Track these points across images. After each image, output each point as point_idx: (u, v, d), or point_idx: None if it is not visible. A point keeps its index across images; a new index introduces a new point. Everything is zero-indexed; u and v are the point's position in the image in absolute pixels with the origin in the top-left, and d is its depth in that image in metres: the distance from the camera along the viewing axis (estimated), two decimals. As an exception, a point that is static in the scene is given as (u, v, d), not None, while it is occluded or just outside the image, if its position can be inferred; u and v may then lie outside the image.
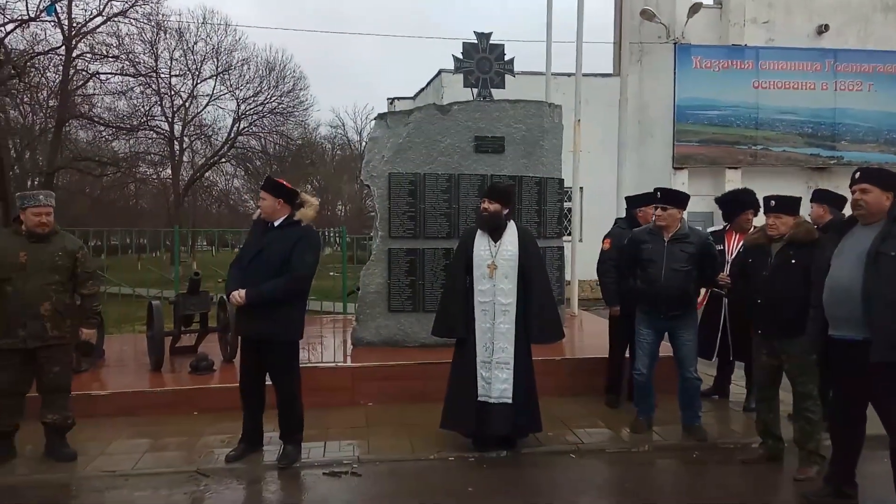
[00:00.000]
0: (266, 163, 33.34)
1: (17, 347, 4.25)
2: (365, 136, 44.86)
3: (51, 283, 4.32)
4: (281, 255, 4.29)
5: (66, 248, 4.44)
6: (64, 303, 4.40)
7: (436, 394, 5.41)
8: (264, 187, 4.49)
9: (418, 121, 6.91)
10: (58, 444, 4.49)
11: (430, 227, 6.88)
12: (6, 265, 4.25)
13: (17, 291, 4.23)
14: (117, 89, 26.81)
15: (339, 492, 4.15)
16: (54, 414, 4.45)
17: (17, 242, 4.33)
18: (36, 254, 4.31)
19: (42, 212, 4.35)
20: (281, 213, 4.40)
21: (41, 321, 4.27)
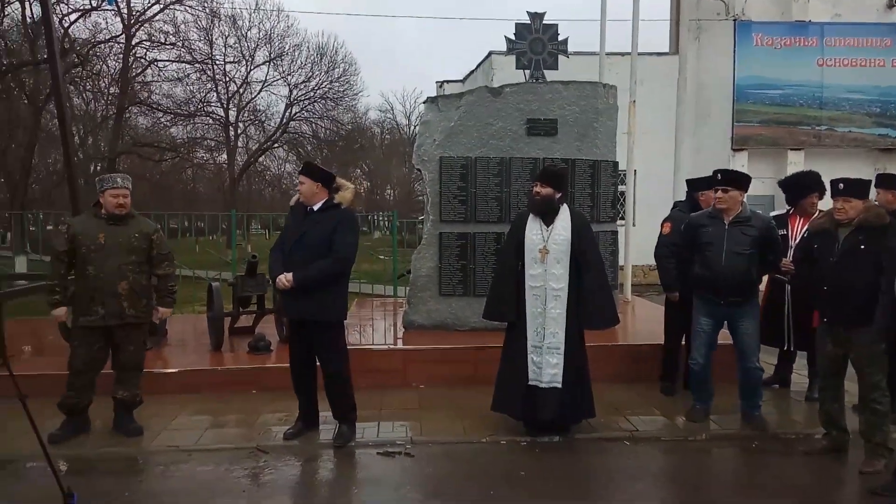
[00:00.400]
0: (317, 147, 33.82)
1: (97, 325, 4.45)
2: (414, 120, 45.01)
3: (128, 263, 4.50)
4: (323, 237, 4.36)
5: (142, 231, 4.62)
6: (140, 283, 4.58)
7: (487, 377, 5.42)
8: (303, 172, 4.57)
9: (469, 104, 6.87)
10: (126, 420, 4.70)
11: (481, 211, 6.87)
12: (86, 246, 4.44)
13: (97, 271, 4.42)
14: (174, 76, 27.57)
15: (393, 472, 4.21)
16: (125, 391, 4.66)
17: (96, 224, 4.52)
18: (114, 235, 4.49)
19: (119, 193, 4.52)
20: (319, 197, 4.47)
21: (119, 300, 4.45)
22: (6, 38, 22.15)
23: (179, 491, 3.88)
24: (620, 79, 9.26)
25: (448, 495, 3.85)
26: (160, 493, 3.87)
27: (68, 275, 4.60)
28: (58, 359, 6.12)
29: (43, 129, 22.88)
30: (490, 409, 4.79)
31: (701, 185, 5.55)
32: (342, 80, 33.10)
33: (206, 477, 4.09)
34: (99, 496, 3.83)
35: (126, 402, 4.68)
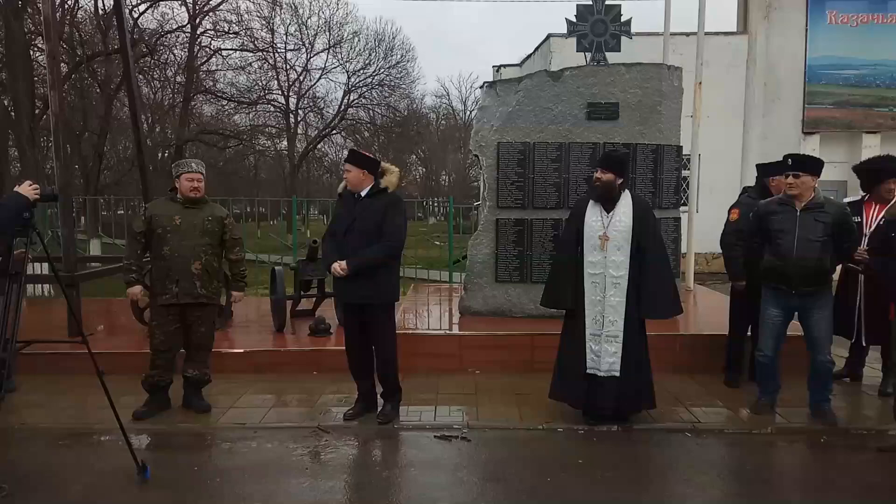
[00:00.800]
0: (374, 134, 34.17)
1: (172, 303, 4.65)
2: (469, 105, 44.86)
3: (201, 244, 4.68)
4: (373, 223, 4.44)
5: (215, 215, 4.80)
6: (212, 265, 4.76)
7: (544, 364, 5.40)
8: (349, 160, 4.63)
9: (528, 88, 6.78)
10: (195, 397, 4.91)
11: (539, 197, 6.80)
12: (162, 227, 4.64)
13: (172, 251, 4.62)
14: (237, 65, 28.27)
15: (450, 455, 4.25)
16: (195, 369, 4.86)
17: (172, 208, 4.72)
18: (188, 217, 4.68)
19: (194, 177, 4.71)
20: (366, 183, 4.53)
21: (192, 279, 4.64)
22: (80, 29, 23.14)
23: (245, 467, 4.02)
24: (685, 60, 8.95)
25: (505, 480, 3.86)
26: (227, 469, 4.01)
27: (144, 255, 4.81)
28: (129, 338, 6.45)
29: (114, 118, 23.86)
30: (547, 396, 4.76)
31: (772, 170, 5.33)
32: (399, 67, 33.33)
33: (271, 454, 4.22)
34: (171, 470, 4.02)
35: (196, 381, 4.88)
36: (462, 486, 3.80)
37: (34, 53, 18.77)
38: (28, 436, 4.50)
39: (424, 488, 3.75)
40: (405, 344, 6.00)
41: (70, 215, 6.63)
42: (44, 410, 4.94)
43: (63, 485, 3.75)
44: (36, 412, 4.90)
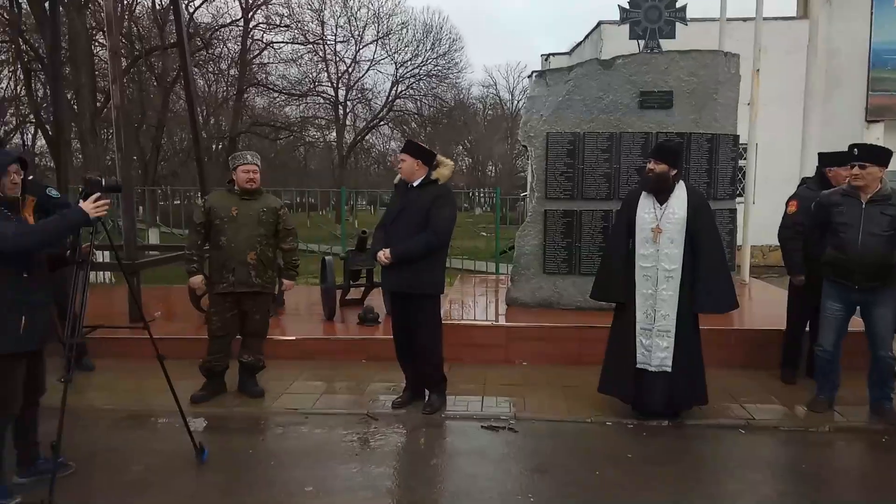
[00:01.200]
0: (421, 125, 34.28)
1: (228, 291, 4.79)
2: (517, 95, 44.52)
3: (257, 235, 4.80)
4: (420, 213, 4.46)
5: (270, 206, 4.91)
6: (267, 254, 4.88)
7: (592, 357, 5.36)
8: (404, 149, 4.67)
9: (579, 77, 6.69)
10: (249, 382, 5.05)
11: (589, 188, 6.71)
12: (220, 218, 4.78)
13: (229, 241, 4.76)
14: (289, 57, 28.74)
15: (497, 445, 4.26)
16: (250, 355, 5.00)
17: (230, 199, 4.85)
18: (245, 208, 4.80)
19: (250, 169, 4.82)
20: (419, 174, 4.55)
21: (248, 268, 4.77)
22: (138, 24, 23.89)
23: (297, 451, 4.12)
24: (743, 46, 8.66)
25: (552, 472, 3.85)
26: (280, 453, 4.12)
27: (204, 245, 4.95)
28: (187, 324, 6.67)
29: (170, 110, 24.59)
30: (596, 390, 4.72)
31: (834, 159, 5.12)
32: (447, 57, 33.34)
33: (321, 439, 4.32)
34: (227, 452, 4.15)
35: (250, 366, 5.02)
36: (509, 477, 3.81)
37: (95, 48, 19.46)
38: (93, 417, 4.71)
39: (471, 478, 3.77)
40: (451, 334, 6.04)
41: (131, 206, 6.88)
42: (107, 393, 5.16)
43: (125, 465, 3.91)
44: (100, 394, 5.12)
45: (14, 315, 3.21)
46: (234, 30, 26.61)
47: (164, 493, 3.57)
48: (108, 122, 18.76)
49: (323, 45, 30.15)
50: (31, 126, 26.25)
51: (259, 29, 27.24)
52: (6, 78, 25.71)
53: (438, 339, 4.75)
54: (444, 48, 33.33)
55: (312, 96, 31.20)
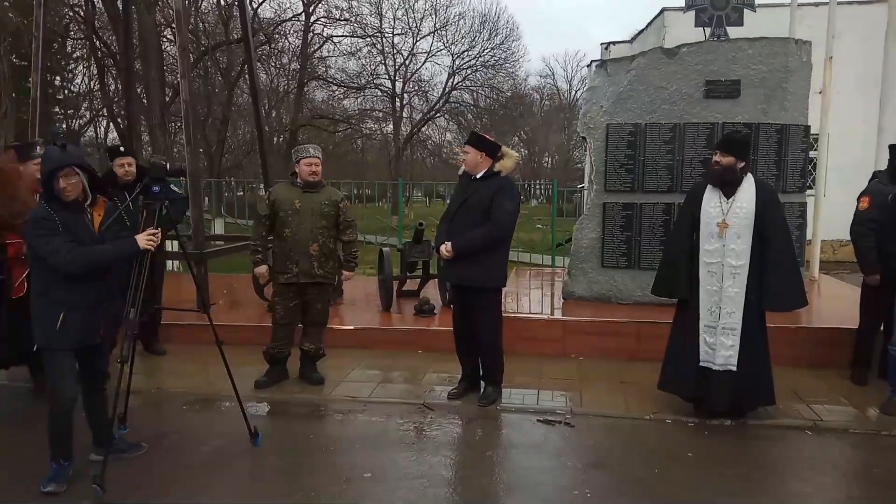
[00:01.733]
0: (477, 116, 34.18)
1: (292, 282, 4.92)
2: (575, 85, 43.84)
3: (319, 227, 4.90)
4: (482, 204, 4.45)
5: (331, 198, 5.00)
6: (328, 246, 4.98)
7: (651, 353, 5.27)
8: (468, 141, 4.66)
9: (641, 67, 6.54)
10: (309, 370, 5.18)
11: (650, 181, 6.57)
12: (284, 210, 4.89)
13: (293, 233, 4.87)
14: (348, 51, 29.11)
15: (553, 439, 4.25)
16: (311, 343, 5.13)
17: (293, 192, 4.96)
18: (307, 201, 4.90)
19: (312, 162, 4.93)
20: (483, 166, 4.54)
21: (310, 260, 4.88)
22: (204, 21, 24.63)
23: (355, 438, 4.21)
24: (815, 32, 8.30)
25: (610, 468, 3.82)
26: (339, 439, 4.23)
27: (268, 236, 5.09)
28: (249, 312, 6.88)
29: (234, 104, 25.30)
30: (656, 387, 4.63)
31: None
32: (503, 47, 33.06)
33: (378, 427, 4.40)
34: (289, 436, 4.28)
35: (311, 354, 5.15)
36: (565, 471, 3.79)
37: (163, 44, 20.16)
38: (164, 399, 4.93)
39: (527, 471, 3.77)
40: (506, 327, 5.95)
41: (199, 197, 7.12)
42: (176, 377, 5.38)
43: (194, 446, 4.08)
44: (170, 378, 5.35)
45: (53, 312, 3.27)
46: (296, 24, 27.15)
47: (230, 474, 3.71)
48: (175, 115, 19.46)
49: (381, 38, 30.42)
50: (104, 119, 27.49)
51: (320, 23, 27.71)
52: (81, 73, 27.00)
53: (499, 333, 4.76)
54: (500, 38, 33.10)
55: (370, 89, 31.55)
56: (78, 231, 3.27)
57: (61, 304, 3.28)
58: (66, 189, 3.22)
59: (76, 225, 3.27)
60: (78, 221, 3.29)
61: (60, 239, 3.19)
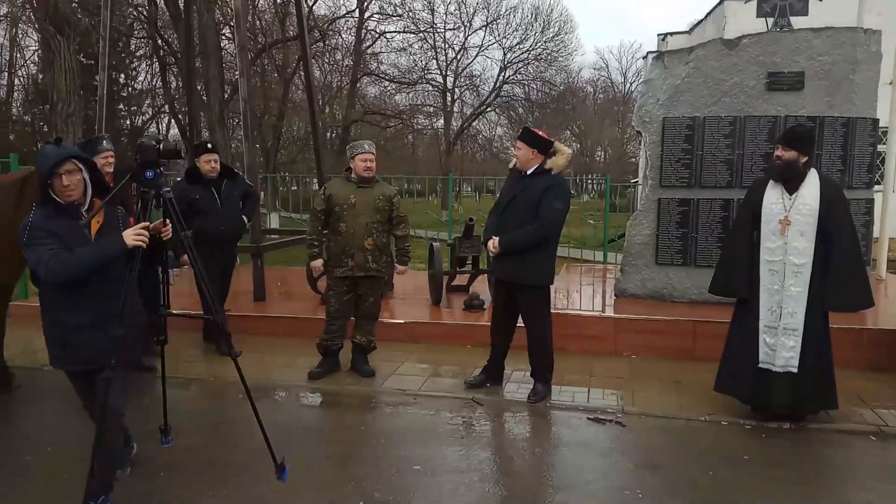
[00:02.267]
0: (528, 110, 33.92)
1: (346, 275, 5.01)
2: (630, 77, 43.00)
3: (373, 222, 4.97)
4: (531, 202, 4.45)
5: (384, 194, 5.07)
6: (382, 240, 5.05)
7: (706, 353, 5.16)
8: (521, 137, 4.63)
9: (699, 59, 6.37)
10: (361, 362, 5.26)
11: (708, 176, 6.40)
12: (339, 205, 4.97)
13: (348, 228, 4.96)
14: (400, 46, 29.30)
15: (603, 438, 4.20)
16: (363, 336, 5.22)
17: (348, 187, 5.04)
18: (362, 196, 4.98)
19: (367, 158, 5.01)
20: (534, 163, 4.53)
21: (365, 254, 4.96)
22: (261, 19, 25.18)
23: (406, 430, 4.26)
24: (884, 21, 7.95)
25: (662, 469, 3.75)
26: (390, 431, 4.28)
27: (324, 231, 5.17)
28: (303, 304, 7.03)
29: (290, 101, 25.80)
30: (713, 389, 4.51)
31: None
32: (556, 40, 32.66)
33: (428, 421, 4.43)
34: (341, 427, 4.37)
35: (362, 347, 5.23)
36: (615, 471, 3.74)
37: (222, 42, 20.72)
38: (221, 388, 5.08)
39: (576, 469, 3.74)
40: (556, 324, 5.95)
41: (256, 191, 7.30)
42: (228, 366, 5.52)
43: (249, 434, 4.19)
44: (228, 367, 5.50)
45: (53, 332, 3.02)
46: (349, 20, 27.48)
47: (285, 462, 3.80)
48: (234, 112, 19.98)
49: (433, 33, 30.49)
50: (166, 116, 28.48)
51: (373, 19, 27.97)
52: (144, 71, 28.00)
53: (548, 330, 4.75)
54: (553, 31, 32.71)
55: (422, 84, 31.68)
56: (70, 238, 2.86)
57: (63, 322, 2.97)
58: (69, 187, 2.86)
59: (69, 232, 2.88)
60: (71, 228, 2.90)
61: (46, 247, 2.80)
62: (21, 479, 3.49)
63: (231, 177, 5.72)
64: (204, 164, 5.53)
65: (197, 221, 5.36)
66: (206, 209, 5.47)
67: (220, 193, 5.57)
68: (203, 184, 5.52)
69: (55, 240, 2.83)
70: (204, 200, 5.48)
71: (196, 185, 5.51)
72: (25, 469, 3.63)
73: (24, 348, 5.51)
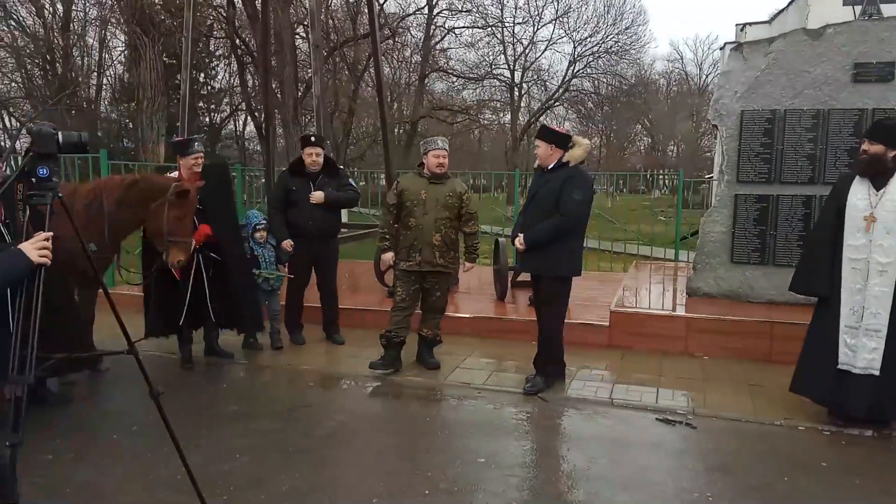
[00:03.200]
0: (597, 104, 33.35)
1: (414, 270, 5.08)
2: (706, 69, 41.56)
3: (442, 218, 5.02)
4: (552, 196, 4.52)
5: (454, 190, 5.10)
6: (450, 237, 5.09)
7: (784, 356, 4.98)
8: (538, 135, 4.71)
9: (781, 49, 6.10)
10: (426, 355, 5.33)
11: (788, 171, 6.13)
12: (410, 200, 5.05)
13: (418, 223, 5.02)
14: (468, 42, 29.34)
15: (672, 439, 4.11)
16: (429, 329, 5.29)
17: (420, 183, 5.11)
18: (433, 192, 5.04)
19: (440, 154, 5.07)
20: (553, 158, 4.60)
21: (433, 249, 5.01)
22: (333, 17, 25.73)
23: (470, 423, 4.30)
24: None
25: (733, 473, 3.64)
26: (454, 423, 4.33)
27: (395, 224, 5.22)
28: (370, 297, 7.17)
29: (360, 97, 26.27)
30: (788, 390, 4.35)
31: None
32: (628, 32, 31.94)
33: (493, 415, 4.45)
34: (406, 418, 4.45)
35: (428, 340, 5.30)
36: (685, 473, 3.66)
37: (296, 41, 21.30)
38: (294, 376, 5.26)
39: (644, 469, 3.68)
40: (624, 322, 5.91)
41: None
42: (301, 355, 5.73)
43: (318, 420, 4.34)
44: (298, 356, 5.70)
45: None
46: (419, 17, 27.71)
47: (351, 449, 3.91)
48: (307, 109, 20.51)
49: (501, 27, 30.36)
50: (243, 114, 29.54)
51: (442, 16, 28.11)
52: (223, 70, 29.11)
53: (561, 323, 4.79)
54: (626, 23, 32.00)
55: (489, 79, 31.62)
56: None
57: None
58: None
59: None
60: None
61: None
62: (111, 458, 3.72)
63: (330, 172, 5.81)
64: (306, 157, 5.70)
65: (290, 214, 5.60)
66: (298, 201, 5.65)
67: (314, 187, 5.69)
68: (302, 176, 5.68)
69: None
70: (298, 193, 5.66)
71: (296, 177, 5.70)
72: (113, 448, 3.87)
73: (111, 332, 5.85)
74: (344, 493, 3.34)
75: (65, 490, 3.32)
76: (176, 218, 4.45)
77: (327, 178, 5.76)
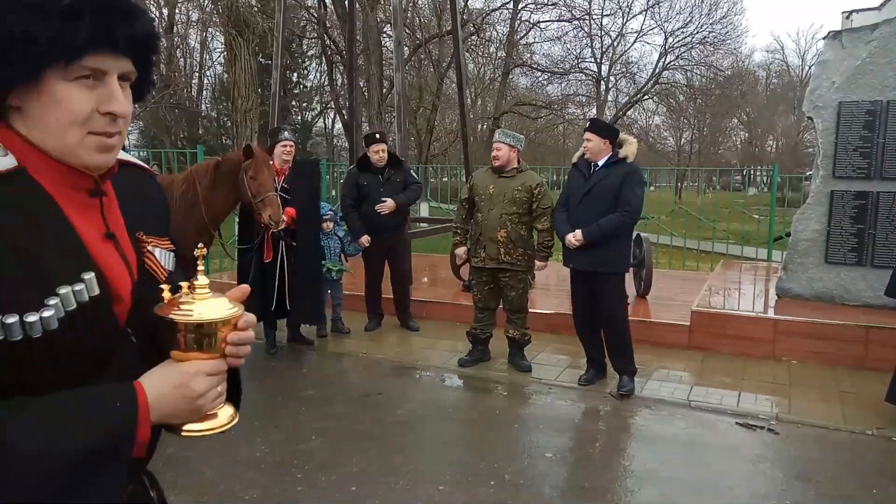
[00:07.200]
0: (690, 97, 32.07)
1: (479, 266, 5.08)
2: (809, 60, 39.08)
3: (509, 213, 4.91)
4: (611, 192, 4.44)
5: (525, 184, 4.94)
6: (518, 232, 4.91)
7: (880, 363, 4.70)
8: (590, 129, 4.61)
9: (885, 37, 5.70)
10: (517, 356, 5.21)
11: (891, 166, 5.73)
12: (479, 195, 5.06)
13: (483, 218, 5.00)
14: (554, 35, 28.94)
15: (752, 445, 3.94)
16: (514, 329, 5.14)
17: (489, 177, 5.08)
18: (501, 187, 4.97)
19: (494, 147, 5.04)
20: (605, 153, 4.54)
21: (497, 245, 4.93)
22: (420, 15, 26.05)
23: (540, 418, 4.30)
24: None
25: (816, 482, 3.46)
26: (524, 417, 4.35)
27: (468, 219, 5.24)
28: (447, 290, 7.26)
29: (443, 93, 26.50)
30: (884, 399, 4.08)
31: None
32: (724, 22, 30.45)
33: (563, 411, 4.44)
34: (476, 410, 4.51)
35: (516, 340, 5.16)
36: (763, 479, 3.51)
37: (382, 39, 21.75)
38: (370, 363, 5.42)
39: (720, 473, 3.56)
40: (708, 322, 5.70)
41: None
42: (377, 344, 5.89)
43: (392, 407, 4.46)
44: (373, 346, 5.87)
45: None
46: (503, 12, 27.57)
47: (422, 437, 4.00)
48: (390, 105, 20.93)
49: (589, 20, 29.72)
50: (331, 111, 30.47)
51: (527, 10, 27.84)
52: (314, 70, 30.12)
53: (626, 319, 4.70)
54: (722, 12, 30.51)
55: (575, 73, 31.04)
56: None
57: None
58: None
59: None
60: None
61: None
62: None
63: (395, 165, 6.05)
64: (372, 154, 5.95)
65: (364, 207, 5.93)
66: (370, 195, 5.93)
67: (382, 179, 5.97)
68: (371, 171, 5.96)
69: None
70: (368, 187, 5.95)
71: (365, 173, 5.99)
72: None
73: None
74: (411, 479, 3.43)
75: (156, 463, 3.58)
76: (252, 178, 4.67)
77: (393, 171, 6.00)
